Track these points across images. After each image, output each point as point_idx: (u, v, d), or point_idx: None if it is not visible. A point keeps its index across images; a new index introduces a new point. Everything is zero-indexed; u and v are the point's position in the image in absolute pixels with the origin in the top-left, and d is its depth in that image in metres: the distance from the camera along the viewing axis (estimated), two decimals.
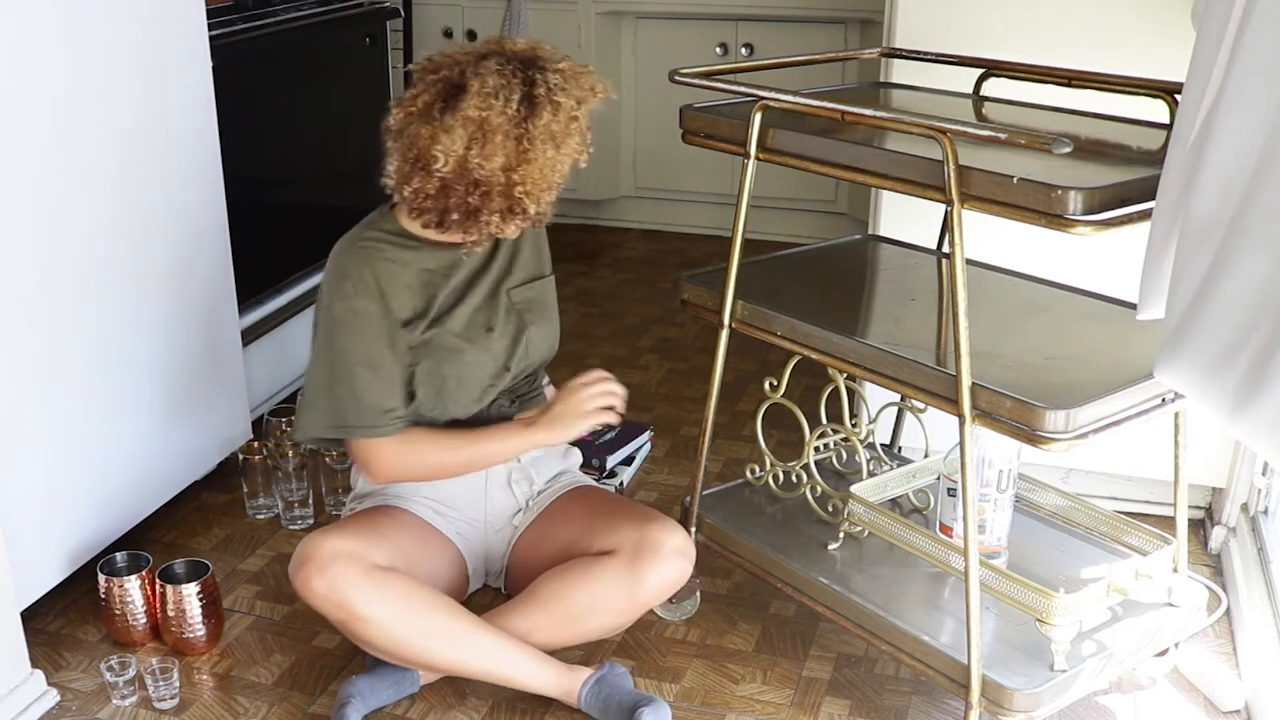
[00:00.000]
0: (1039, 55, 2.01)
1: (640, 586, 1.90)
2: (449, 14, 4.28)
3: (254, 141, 2.69)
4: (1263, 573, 2.08)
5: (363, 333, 1.90)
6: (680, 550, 1.92)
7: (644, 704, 1.83)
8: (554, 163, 1.84)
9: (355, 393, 1.90)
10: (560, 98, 1.81)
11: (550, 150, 1.82)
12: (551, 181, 1.86)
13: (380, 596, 1.82)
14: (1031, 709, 1.69)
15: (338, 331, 1.90)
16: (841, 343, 1.80)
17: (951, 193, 1.58)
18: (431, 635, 1.86)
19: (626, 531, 1.92)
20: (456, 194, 1.83)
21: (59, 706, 1.96)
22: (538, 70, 1.82)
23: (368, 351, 1.90)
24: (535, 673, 1.89)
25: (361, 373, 1.90)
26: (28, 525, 2.01)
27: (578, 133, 1.85)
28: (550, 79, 1.81)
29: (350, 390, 1.90)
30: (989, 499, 1.87)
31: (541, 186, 1.85)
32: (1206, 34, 1.34)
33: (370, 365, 1.90)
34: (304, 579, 1.83)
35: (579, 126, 1.85)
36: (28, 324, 1.99)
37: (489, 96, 1.78)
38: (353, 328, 1.89)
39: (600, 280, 3.87)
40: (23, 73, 1.92)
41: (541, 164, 1.82)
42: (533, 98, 1.80)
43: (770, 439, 2.15)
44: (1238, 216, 1.25)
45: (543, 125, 1.80)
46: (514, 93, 1.79)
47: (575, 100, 1.83)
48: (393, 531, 1.95)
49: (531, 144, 1.80)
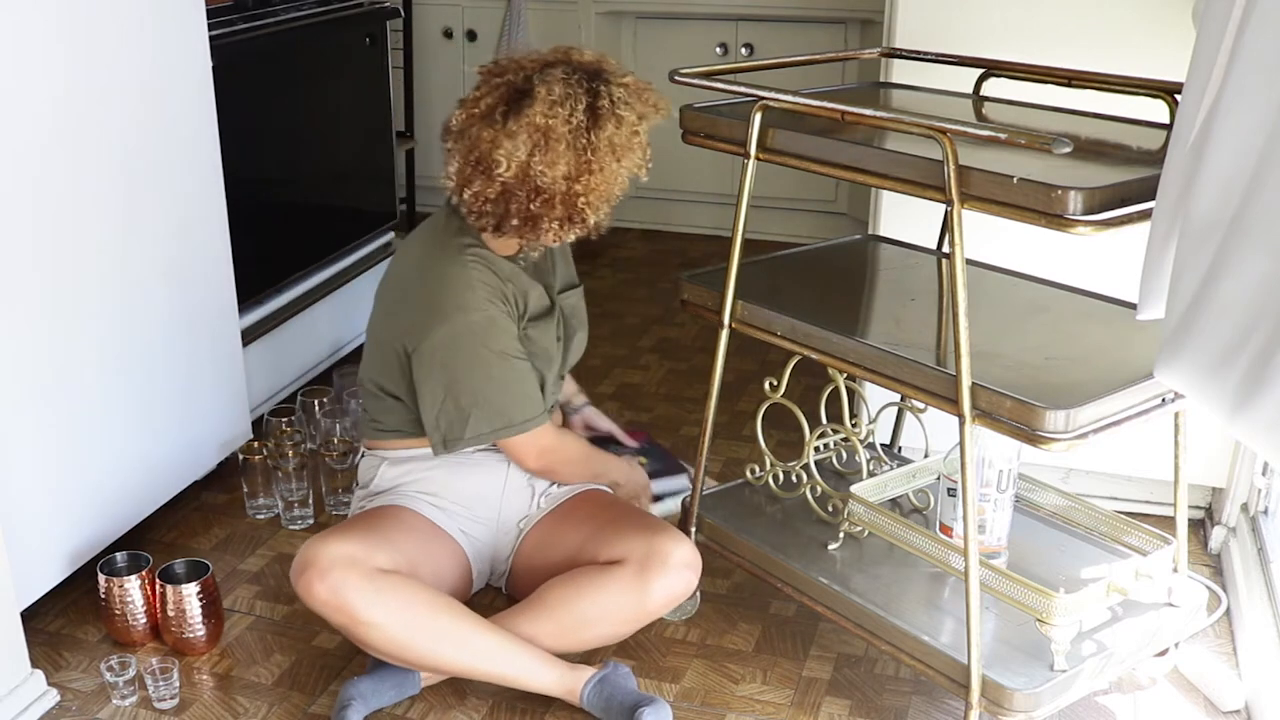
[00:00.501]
0: (1039, 55, 2.01)
1: (647, 597, 1.91)
2: (449, 14, 4.28)
3: (254, 141, 2.69)
4: (1263, 573, 2.08)
5: (506, 334, 1.96)
6: (687, 563, 1.93)
7: (645, 704, 1.83)
8: (615, 175, 1.89)
9: (523, 389, 1.97)
10: (624, 111, 1.86)
11: (612, 162, 1.87)
12: (611, 193, 1.91)
13: (382, 600, 1.82)
14: (1031, 709, 1.69)
15: (485, 339, 1.93)
16: (841, 343, 1.80)
17: (951, 193, 1.58)
18: (435, 638, 1.85)
19: (635, 542, 1.93)
20: (518, 200, 1.87)
21: (59, 706, 1.96)
22: (603, 82, 1.86)
23: (513, 349, 1.97)
24: (538, 673, 1.89)
25: (520, 367, 1.97)
26: (28, 525, 2.01)
27: (639, 147, 1.90)
28: (615, 92, 1.86)
29: (515, 388, 1.96)
30: (989, 499, 1.87)
31: (602, 197, 1.90)
32: (1206, 34, 1.34)
33: (514, 363, 1.97)
34: (306, 584, 1.83)
35: (640, 141, 1.90)
36: (28, 324, 1.99)
37: (555, 104, 1.83)
38: (498, 332, 1.95)
39: (600, 280, 3.87)
40: (23, 73, 1.92)
41: (603, 175, 1.87)
42: (596, 109, 1.85)
43: (770, 439, 2.15)
44: (1238, 216, 1.25)
45: (606, 137, 1.85)
46: (579, 103, 1.84)
47: (637, 115, 1.88)
48: (395, 533, 1.95)
49: (594, 154, 1.85)
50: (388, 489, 2.08)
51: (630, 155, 1.89)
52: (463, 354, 1.94)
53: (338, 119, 3.13)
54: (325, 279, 3.05)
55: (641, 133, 1.89)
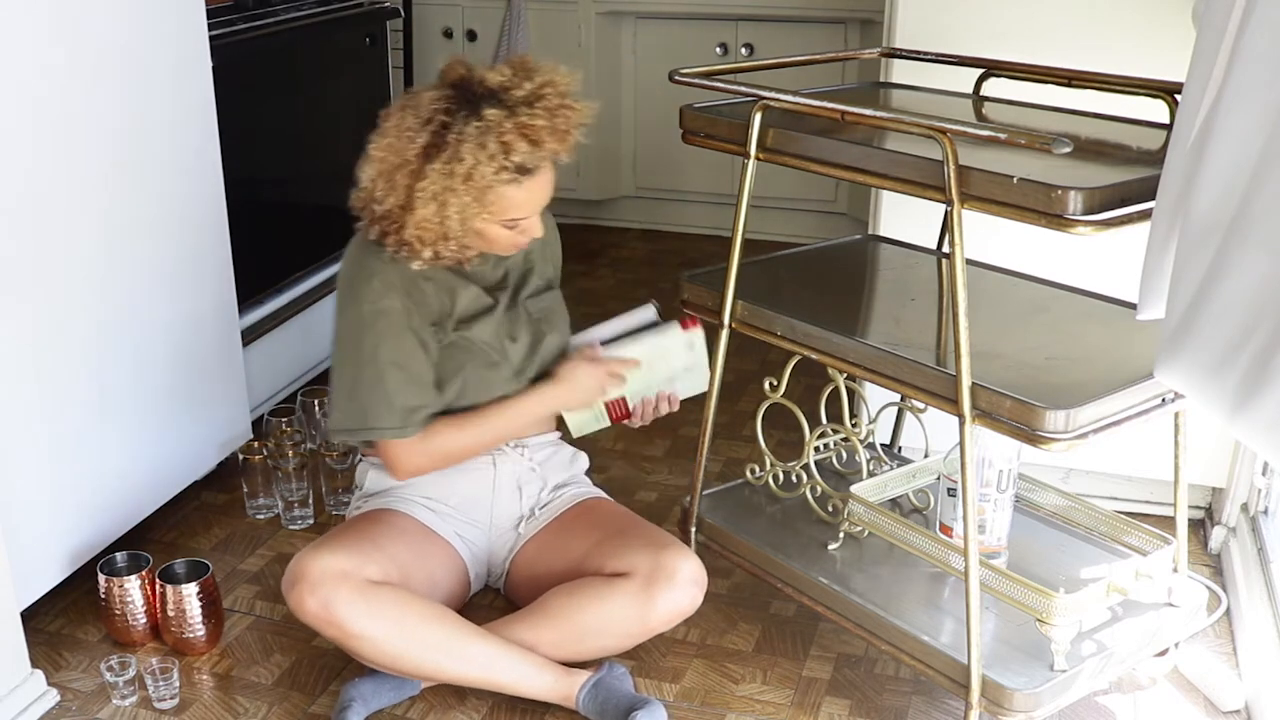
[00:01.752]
0: (1039, 55, 2.01)
1: (652, 612, 1.89)
2: (449, 14, 4.28)
3: (254, 141, 2.69)
4: (1263, 573, 2.08)
5: (392, 332, 1.89)
6: (694, 579, 1.91)
7: (639, 706, 1.83)
8: (440, 217, 1.79)
9: (386, 394, 1.89)
10: (465, 151, 1.75)
11: (432, 205, 1.78)
12: (445, 232, 1.81)
13: (374, 613, 1.81)
14: (1031, 709, 1.69)
15: (367, 332, 1.89)
16: (841, 343, 1.80)
17: (951, 193, 1.58)
18: (428, 648, 1.85)
19: (641, 555, 1.91)
20: (373, 217, 1.86)
21: (59, 706, 1.96)
22: (469, 111, 1.77)
23: (396, 351, 1.90)
24: (533, 679, 1.89)
25: (392, 373, 1.89)
26: (28, 525, 2.01)
27: (471, 192, 1.78)
28: (467, 128, 1.76)
29: (381, 392, 1.90)
30: (989, 499, 1.87)
31: (436, 234, 1.82)
32: (1206, 34, 1.34)
33: (400, 365, 1.90)
34: (297, 599, 1.82)
35: (475, 185, 1.77)
36: (28, 324, 1.99)
37: (400, 132, 1.79)
38: (382, 328, 1.89)
39: (600, 280, 3.87)
40: (22, 73, 1.92)
41: (426, 213, 1.79)
42: (435, 145, 1.77)
43: (770, 439, 2.15)
44: (1238, 216, 1.25)
45: (434, 172, 1.76)
46: (420, 136, 1.78)
47: (474, 160, 1.75)
48: (388, 541, 1.94)
49: (420, 191, 1.77)
50: (380, 491, 2.08)
51: (457, 198, 1.77)
52: (348, 346, 1.92)
53: (338, 119, 3.12)
54: (325, 279, 3.05)
55: (477, 177, 1.75)
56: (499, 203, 1.81)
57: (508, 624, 1.94)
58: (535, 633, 1.91)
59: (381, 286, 1.89)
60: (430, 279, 1.92)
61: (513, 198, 1.82)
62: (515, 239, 1.89)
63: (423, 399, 1.92)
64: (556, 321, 2.08)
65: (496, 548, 2.11)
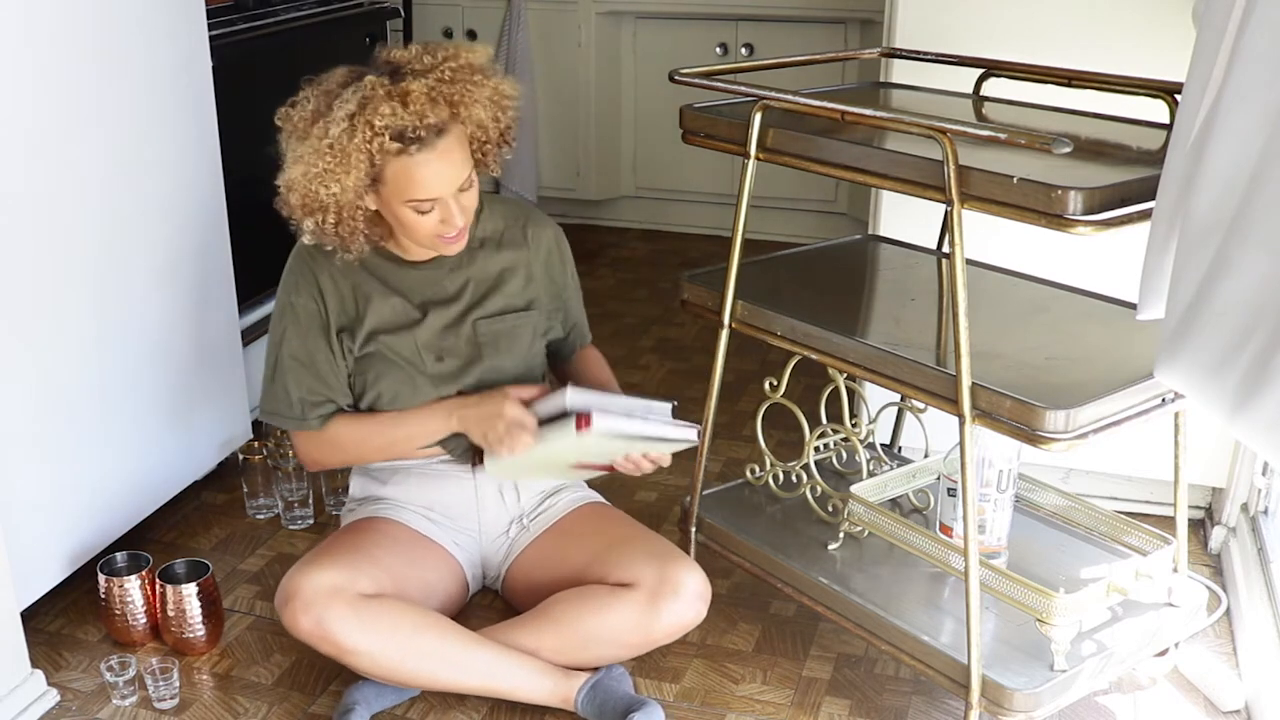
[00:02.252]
0: (1039, 55, 2.01)
1: (656, 624, 1.88)
2: (449, 14, 4.28)
3: (254, 141, 2.68)
4: (1263, 573, 2.08)
5: (299, 328, 1.95)
6: (699, 594, 1.89)
7: (636, 708, 1.83)
8: (309, 182, 1.77)
9: (285, 386, 1.96)
10: (336, 114, 1.74)
11: (299, 167, 1.78)
12: (320, 201, 1.78)
13: (367, 628, 1.81)
14: (1031, 709, 1.69)
15: (277, 323, 1.98)
16: (841, 343, 1.80)
17: (951, 193, 1.58)
18: (424, 659, 1.84)
19: (647, 567, 1.89)
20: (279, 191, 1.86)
21: (59, 706, 1.96)
22: (357, 78, 1.77)
23: (300, 347, 1.95)
24: (532, 684, 1.88)
25: (292, 366, 1.96)
26: (28, 525, 2.01)
27: (338, 156, 1.74)
28: (346, 91, 1.75)
29: (281, 383, 1.97)
30: (989, 499, 1.87)
31: (309, 203, 1.80)
32: (1206, 34, 1.34)
33: (301, 361, 1.95)
34: (290, 617, 1.82)
35: (340, 149, 1.74)
36: (27, 324, 1.99)
37: (301, 102, 1.82)
38: (289, 322, 1.96)
39: (600, 280, 3.87)
40: (22, 73, 1.92)
41: (293, 175, 1.79)
42: (321, 111, 1.78)
43: (770, 439, 2.15)
44: (1238, 216, 1.25)
45: (311, 136, 1.77)
46: (312, 102, 1.80)
47: (343, 120, 1.73)
48: (380, 551, 1.93)
49: (293, 154, 1.79)
50: (369, 498, 2.07)
51: (322, 160, 1.74)
52: (270, 333, 2.00)
53: None
54: None
55: (345, 138, 1.72)
56: (396, 180, 1.77)
57: (509, 629, 1.93)
58: (538, 639, 1.90)
59: (293, 282, 1.96)
60: (351, 283, 1.94)
61: (409, 173, 1.76)
62: (437, 228, 1.83)
63: (324, 394, 1.96)
64: (508, 347, 2.00)
65: (491, 553, 2.10)
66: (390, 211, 1.84)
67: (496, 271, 2.01)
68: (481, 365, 1.98)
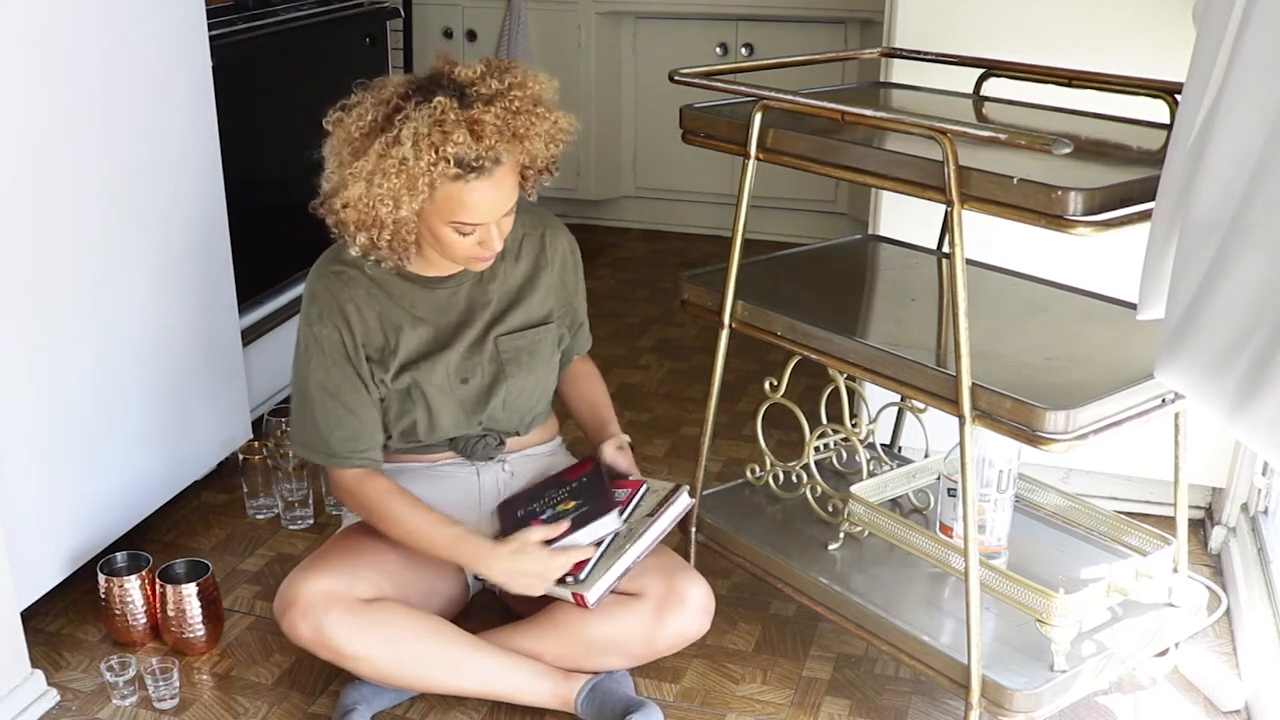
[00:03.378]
0: (1039, 55, 2.01)
1: (660, 635, 1.87)
2: (449, 14, 4.28)
3: (254, 141, 2.69)
4: (1263, 573, 2.08)
5: (324, 360, 1.88)
6: (704, 607, 1.88)
7: (634, 710, 1.82)
8: (370, 199, 1.73)
9: (314, 419, 1.90)
10: (405, 135, 1.69)
11: (361, 185, 1.72)
12: (377, 217, 1.74)
13: (366, 634, 1.80)
14: (1031, 709, 1.69)
15: (303, 353, 1.90)
16: (841, 343, 1.80)
17: (951, 193, 1.58)
18: (424, 664, 1.84)
19: (653, 578, 1.88)
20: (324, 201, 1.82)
21: (59, 706, 1.96)
22: (423, 97, 1.72)
23: (326, 379, 1.88)
24: (531, 687, 1.88)
25: (320, 399, 1.89)
26: (28, 525, 2.01)
27: (404, 178, 1.70)
28: (416, 111, 1.70)
29: (311, 415, 1.90)
30: (989, 499, 1.87)
31: (365, 219, 1.75)
32: (1206, 34, 1.34)
33: (329, 393, 1.88)
34: (289, 625, 1.81)
35: (408, 172, 1.70)
36: (27, 324, 1.99)
37: (356, 112, 1.76)
38: (316, 353, 1.88)
39: (600, 280, 3.87)
40: (21, 74, 1.92)
41: (355, 192, 1.74)
42: (384, 126, 1.73)
43: (770, 439, 2.15)
44: (1238, 216, 1.25)
45: (372, 152, 1.72)
46: (370, 114, 1.75)
47: (411, 143, 1.69)
48: (379, 555, 1.91)
49: (354, 170, 1.73)
50: None
51: (388, 181, 1.70)
52: (295, 362, 1.92)
53: None
54: None
55: (412, 162, 1.68)
56: (446, 201, 1.74)
57: (512, 633, 1.93)
58: (541, 645, 1.90)
59: (316, 312, 1.88)
60: (376, 311, 1.88)
61: (460, 197, 1.73)
62: (473, 250, 1.80)
63: (357, 431, 1.89)
64: (529, 363, 1.97)
65: None
66: (429, 228, 1.79)
67: (517, 286, 1.97)
68: (506, 384, 1.95)
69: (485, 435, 2.00)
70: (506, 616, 2.05)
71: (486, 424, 1.98)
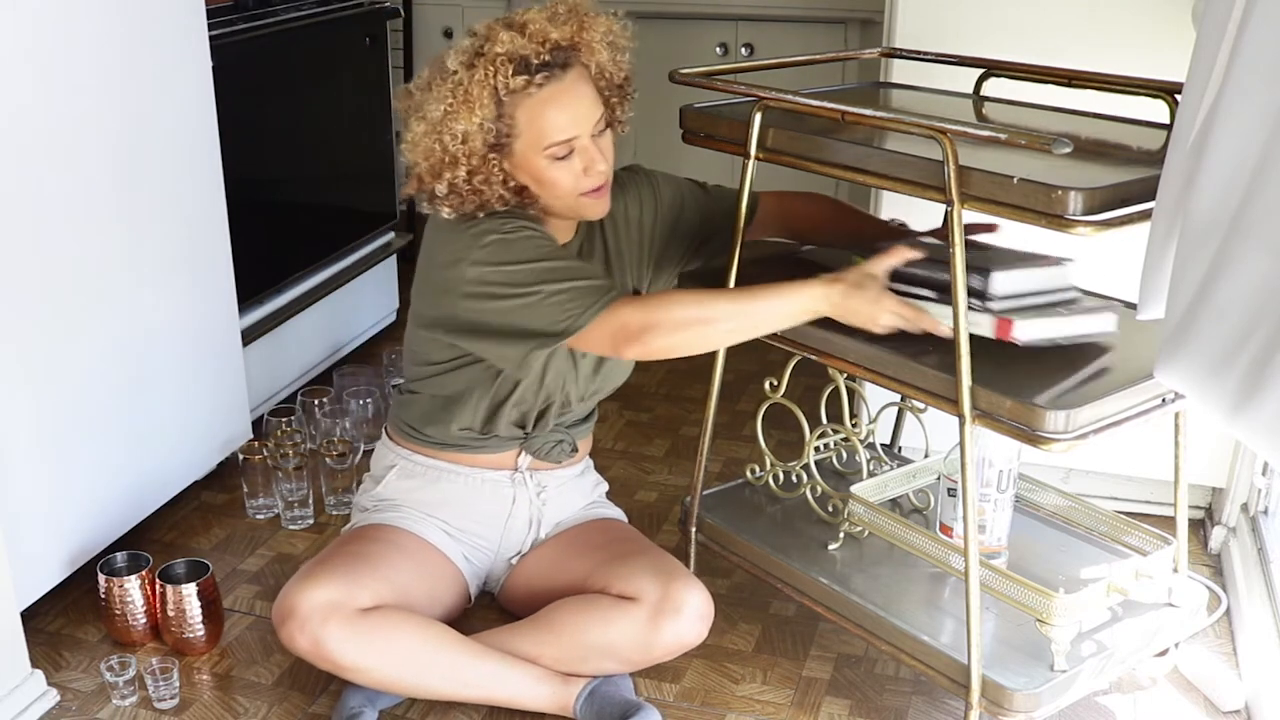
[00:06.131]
0: (1039, 55, 2.01)
1: (657, 641, 1.86)
2: (449, 14, 4.28)
3: (254, 141, 2.69)
4: (1263, 573, 2.08)
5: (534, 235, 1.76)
6: (701, 614, 1.87)
7: (632, 713, 1.82)
8: (435, 133, 1.68)
9: (570, 272, 1.73)
10: (450, 59, 1.66)
11: (422, 123, 1.69)
12: (446, 152, 1.68)
13: (365, 644, 1.79)
14: (1031, 709, 1.69)
15: (515, 247, 1.73)
16: (841, 343, 1.80)
17: (951, 193, 1.58)
18: (423, 673, 1.84)
19: (650, 582, 1.86)
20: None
21: (59, 706, 1.96)
22: (517, 30, 1.69)
23: (545, 243, 1.77)
24: (531, 692, 1.88)
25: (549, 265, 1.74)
26: (28, 525, 2.01)
27: (459, 95, 1.64)
28: (472, 39, 1.68)
29: (563, 273, 1.72)
30: (989, 499, 1.87)
31: (435, 159, 1.70)
32: (1206, 34, 1.34)
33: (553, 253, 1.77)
34: (288, 636, 1.81)
35: (463, 89, 1.64)
36: (27, 324, 1.99)
37: (418, 78, 1.74)
38: (531, 236, 1.76)
39: None
40: (21, 73, 1.92)
41: (417, 131, 1.70)
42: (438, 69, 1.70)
43: (770, 439, 2.15)
44: (1238, 216, 1.25)
45: (432, 89, 1.68)
46: (427, 71, 1.72)
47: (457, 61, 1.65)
48: (382, 561, 1.90)
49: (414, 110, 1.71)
50: (393, 499, 2.03)
51: (442, 104, 1.64)
52: (514, 250, 1.73)
53: (338, 119, 3.12)
54: (325, 279, 3.05)
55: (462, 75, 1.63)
56: (529, 127, 1.68)
57: (510, 634, 1.92)
58: (538, 647, 1.90)
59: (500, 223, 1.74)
60: None
61: (539, 111, 1.68)
62: (580, 181, 1.74)
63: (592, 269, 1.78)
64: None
65: (497, 564, 2.09)
66: (530, 170, 1.73)
67: (615, 240, 1.98)
68: (609, 361, 1.96)
69: (561, 441, 2.01)
70: (503, 618, 2.05)
71: (581, 401, 1.98)
